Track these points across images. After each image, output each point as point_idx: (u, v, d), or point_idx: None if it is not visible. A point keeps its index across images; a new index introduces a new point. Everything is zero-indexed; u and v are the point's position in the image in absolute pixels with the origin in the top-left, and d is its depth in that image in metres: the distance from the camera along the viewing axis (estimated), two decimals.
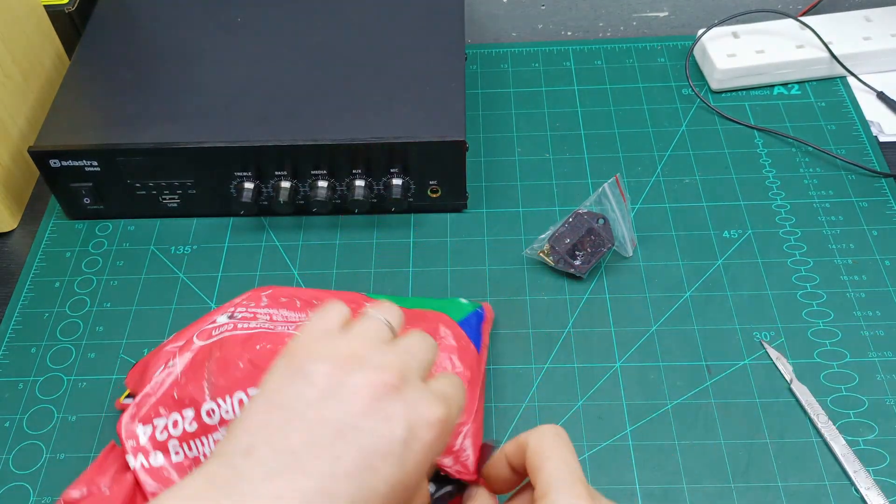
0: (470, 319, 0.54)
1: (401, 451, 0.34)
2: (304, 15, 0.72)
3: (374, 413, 0.34)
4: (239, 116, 0.64)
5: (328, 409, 0.34)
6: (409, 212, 0.67)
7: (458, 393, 0.39)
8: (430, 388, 0.37)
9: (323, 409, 0.34)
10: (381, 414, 0.34)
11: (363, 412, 0.34)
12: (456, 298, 0.58)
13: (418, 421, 0.35)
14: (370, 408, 0.34)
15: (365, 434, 0.34)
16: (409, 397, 0.35)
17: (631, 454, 0.53)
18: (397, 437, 0.34)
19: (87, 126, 0.64)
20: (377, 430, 0.34)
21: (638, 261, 0.63)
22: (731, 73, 0.73)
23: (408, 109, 0.63)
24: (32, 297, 0.63)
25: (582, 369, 0.57)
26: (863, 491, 0.50)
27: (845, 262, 0.62)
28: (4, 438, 0.56)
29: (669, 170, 0.69)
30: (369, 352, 0.36)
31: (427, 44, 0.69)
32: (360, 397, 0.34)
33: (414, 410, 0.35)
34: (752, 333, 0.58)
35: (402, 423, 0.34)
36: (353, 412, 0.34)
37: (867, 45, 0.74)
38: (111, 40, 0.71)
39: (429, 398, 0.36)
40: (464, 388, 0.40)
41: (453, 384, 0.39)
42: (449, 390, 0.38)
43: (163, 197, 0.66)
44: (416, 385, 0.36)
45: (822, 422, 0.54)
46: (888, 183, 0.67)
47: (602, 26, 0.85)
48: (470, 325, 0.54)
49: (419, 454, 0.34)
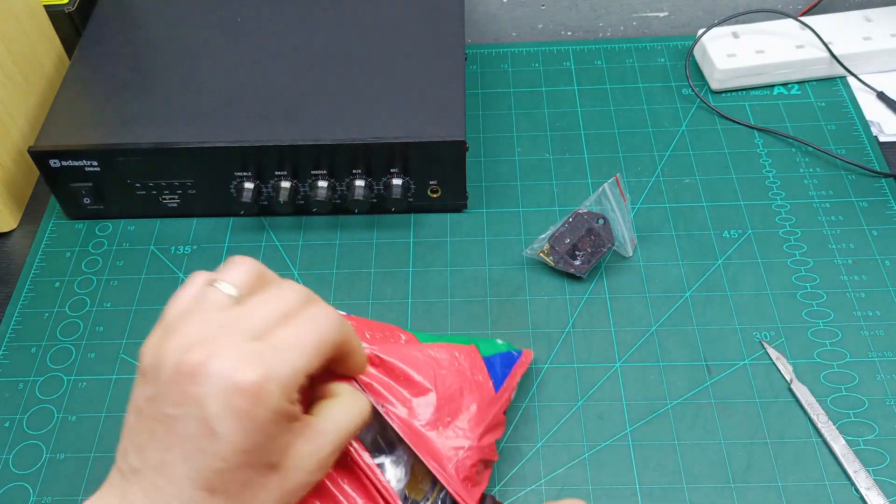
0: (497, 359, 0.52)
1: (218, 426, 0.34)
2: (304, 15, 0.72)
3: (186, 398, 0.35)
4: (239, 116, 0.64)
5: (157, 403, 0.36)
6: (409, 212, 0.67)
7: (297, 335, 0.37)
8: (253, 346, 0.36)
9: (154, 403, 0.36)
10: (190, 398, 0.35)
11: (178, 400, 0.35)
12: (493, 339, 0.55)
13: (226, 392, 0.34)
14: (182, 394, 0.35)
15: (182, 421, 0.35)
16: (218, 368, 0.35)
17: (631, 454, 0.53)
18: (210, 415, 0.34)
19: (87, 126, 0.64)
20: (191, 414, 0.35)
21: (638, 261, 0.63)
22: (731, 73, 0.73)
23: (408, 109, 0.63)
24: (32, 297, 0.63)
25: (582, 369, 0.57)
26: (863, 491, 0.50)
27: (845, 262, 0.62)
28: (4, 438, 0.56)
29: (669, 170, 0.69)
30: (189, 329, 0.37)
31: (427, 44, 0.69)
32: (174, 385, 0.35)
33: (222, 381, 0.34)
34: (752, 333, 0.58)
35: (212, 400, 0.34)
36: (171, 402, 0.35)
37: (867, 45, 0.74)
38: (111, 40, 0.71)
39: (240, 363, 0.35)
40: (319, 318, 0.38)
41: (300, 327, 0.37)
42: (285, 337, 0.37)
43: (163, 197, 0.66)
44: (229, 351, 0.35)
45: (822, 422, 0.54)
46: (888, 183, 0.67)
47: (602, 26, 0.85)
48: (494, 363, 0.52)
49: (240, 422, 0.34)
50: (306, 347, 0.37)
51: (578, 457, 0.53)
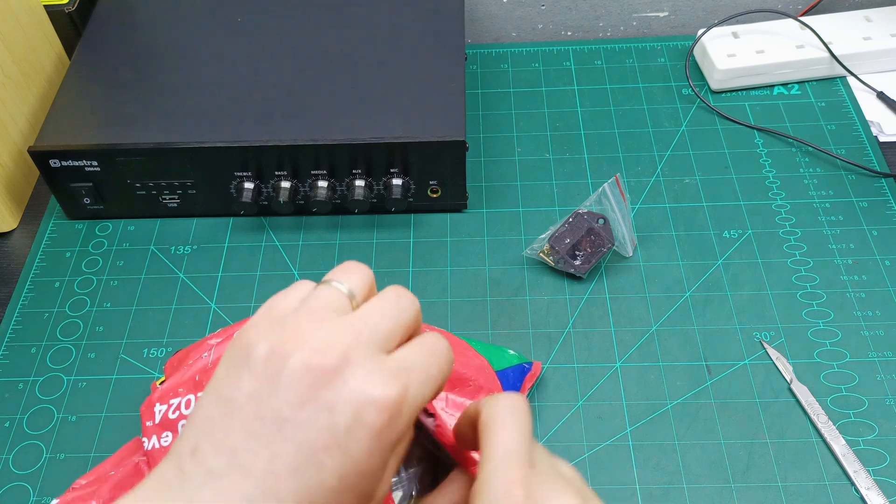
0: (510, 372, 0.52)
1: (345, 441, 0.31)
2: (304, 15, 0.72)
3: (312, 402, 0.31)
4: (239, 116, 0.64)
5: (265, 402, 0.31)
6: (409, 212, 0.67)
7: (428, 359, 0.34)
8: (388, 361, 0.33)
9: (260, 401, 0.31)
10: (319, 404, 0.31)
11: (300, 402, 0.31)
12: (504, 348, 0.55)
13: (363, 406, 0.31)
14: (308, 397, 0.31)
15: (303, 427, 0.31)
16: (354, 379, 0.31)
17: (631, 454, 0.53)
18: (339, 427, 0.31)
19: (87, 126, 0.64)
20: (316, 421, 0.31)
21: (638, 261, 0.63)
22: (731, 73, 0.73)
23: (408, 109, 0.63)
24: (32, 297, 0.63)
25: (582, 369, 0.57)
26: (863, 491, 0.50)
27: (845, 262, 0.62)
28: (4, 438, 0.56)
29: (669, 170, 0.69)
30: (313, 329, 0.33)
31: (427, 44, 0.69)
32: (297, 386, 0.31)
33: (358, 394, 0.31)
34: (752, 333, 0.58)
35: (344, 411, 0.31)
36: (289, 404, 0.31)
37: (867, 45, 0.74)
38: (111, 40, 0.71)
39: (378, 377, 0.32)
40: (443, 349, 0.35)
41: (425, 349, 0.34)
42: (416, 359, 0.34)
43: (163, 197, 0.66)
44: (365, 362, 0.32)
45: (822, 422, 0.54)
46: (888, 183, 0.67)
47: (602, 26, 0.85)
48: (507, 377, 0.52)
49: (368, 441, 0.31)
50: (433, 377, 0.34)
51: (578, 457, 0.53)
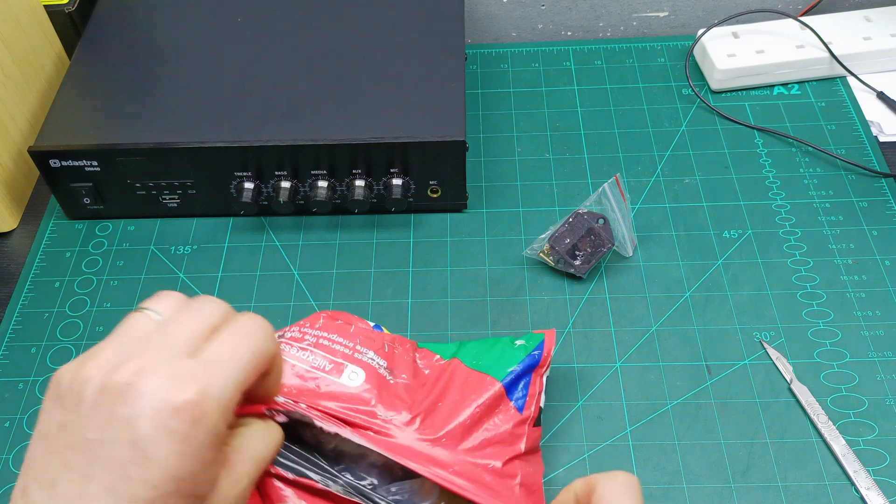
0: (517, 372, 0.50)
1: (150, 450, 0.31)
2: (304, 15, 0.72)
3: (112, 420, 0.31)
4: (239, 116, 0.64)
5: (74, 429, 0.32)
6: (409, 212, 0.67)
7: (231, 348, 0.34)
8: (185, 364, 0.33)
9: (70, 430, 0.32)
10: (118, 420, 0.31)
11: (102, 424, 0.31)
12: (508, 340, 0.52)
13: (160, 413, 0.31)
14: (108, 415, 0.31)
15: (107, 446, 0.31)
16: (149, 389, 0.31)
17: (631, 454, 0.53)
18: (141, 438, 0.31)
19: (87, 126, 0.64)
20: (119, 438, 0.31)
21: (638, 261, 0.63)
22: (731, 73, 0.73)
23: (408, 109, 0.63)
24: (32, 297, 0.63)
25: (582, 369, 0.57)
26: (863, 491, 0.50)
27: (845, 262, 0.62)
28: (4, 438, 0.56)
29: (669, 170, 0.69)
30: (109, 352, 0.33)
31: (427, 44, 0.69)
32: (98, 407, 0.32)
33: (154, 402, 0.31)
34: (752, 333, 0.58)
35: (143, 422, 0.31)
36: (93, 426, 0.31)
37: (867, 45, 0.74)
38: (111, 40, 0.71)
39: (172, 382, 0.32)
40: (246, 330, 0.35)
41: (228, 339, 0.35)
42: (219, 351, 0.34)
43: (163, 197, 0.66)
44: (160, 370, 0.32)
45: (822, 422, 0.54)
46: (888, 183, 0.67)
47: (602, 26, 0.85)
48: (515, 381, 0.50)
49: (174, 445, 0.31)
50: (241, 360, 0.34)
51: (578, 457, 0.53)
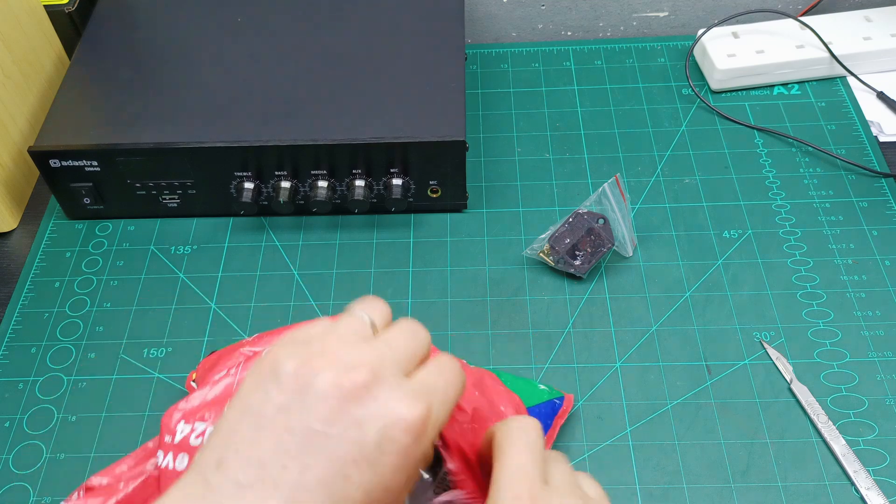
0: (541, 408, 0.51)
1: (374, 456, 0.32)
2: (304, 15, 0.72)
3: (342, 417, 0.32)
4: (239, 116, 0.64)
5: (295, 415, 0.32)
6: (409, 212, 0.67)
7: (445, 382, 0.36)
8: (411, 382, 0.34)
9: (290, 414, 0.32)
10: (349, 418, 0.32)
11: (330, 417, 0.32)
12: (534, 381, 0.54)
13: (392, 423, 0.32)
14: (338, 412, 0.32)
15: (333, 441, 0.32)
16: (383, 397, 0.33)
17: (631, 454, 0.53)
18: (369, 442, 0.32)
19: (87, 126, 0.64)
20: (346, 436, 0.32)
21: (638, 261, 0.63)
22: (731, 73, 0.73)
23: (408, 109, 0.63)
24: (32, 297, 0.63)
25: (582, 369, 0.57)
26: (863, 491, 0.50)
27: (845, 262, 0.62)
28: (4, 438, 0.56)
29: (669, 170, 0.69)
30: (340, 349, 0.34)
31: (427, 44, 0.69)
32: (327, 400, 0.32)
33: (387, 411, 0.32)
34: (752, 333, 0.58)
35: (374, 426, 0.32)
36: (320, 417, 0.32)
37: (867, 45, 0.74)
38: (111, 40, 0.71)
39: (405, 396, 0.33)
40: (457, 371, 0.37)
41: (442, 372, 0.36)
42: (435, 381, 0.35)
43: (163, 197, 0.66)
44: (392, 382, 0.33)
45: (822, 422, 0.54)
46: (888, 183, 0.67)
47: (602, 26, 0.85)
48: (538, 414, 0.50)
49: (395, 457, 0.32)
50: (451, 397, 0.36)
51: (578, 457, 0.53)
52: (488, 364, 0.57)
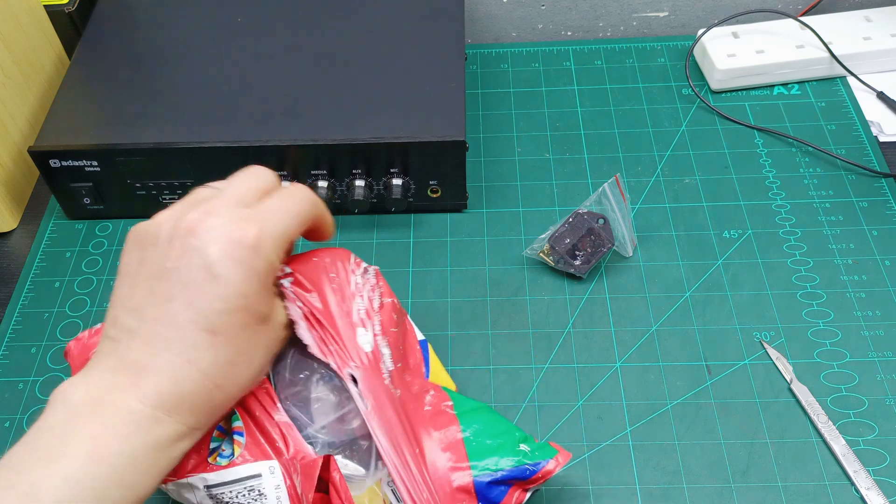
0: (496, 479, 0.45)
1: (218, 270, 0.38)
2: (304, 15, 0.72)
3: (186, 250, 0.39)
4: (239, 116, 0.64)
5: (153, 263, 0.39)
6: (409, 212, 0.67)
7: (282, 203, 0.42)
8: (245, 210, 0.40)
9: (149, 264, 0.40)
10: (191, 248, 0.39)
11: (177, 254, 0.39)
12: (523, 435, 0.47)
13: (226, 242, 0.39)
14: (181, 248, 0.39)
15: (183, 271, 0.39)
16: (216, 225, 0.39)
17: (631, 454, 0.53)
18: (210, 262, 0.38)
19: (87, 126, 0.64)
20: (191, 263, 0.38)
21: (638, 261, 0.63)
22: (731, 73, 0.73)
23: (408, 109, 0.63)
24: (32, 297, 0.63)
25: (582, 369, 0.57)
26: (863, 491, 0.50)
27: (845, 262, 0.62)
28: (4, 438, 0.56)
29: (669, 170, 0.69)
30: (183, 204, 0.41)
31: (427, 44, 0.69)
32: (172, 242, 0.39)
33: (220, 234, 0.39)
34: (752, 333, 0.58)
35: (211, 249, 0.38)
36: (169, 256, 0.39)
37: (867, 45, 0.74)
38: (111, 40, 0.71)
39: (235, 220, 0.39)
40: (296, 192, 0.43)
41: (280, 196, 0.43)
42: (272, 204, 0.42)
43: (163, 197, 0.66)
44: (224, 212, 0.40)
45: (822, 422, 0.54)
46: (888, 183, 0.67)
47: (602, 26, 0.85)
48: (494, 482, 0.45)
49: (237, 268, 0.39)
50: (290, 214, 0.42)
51: (578, 457, 0.53)
52: (488, 364, 0.57)
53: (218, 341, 0.39)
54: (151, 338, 0.38)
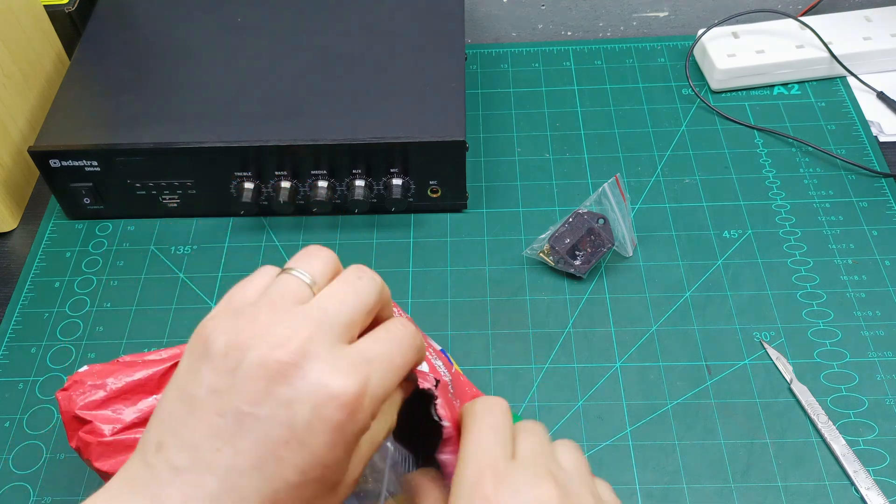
0: None
1: (305, 436, 0.31)
2: (304, 15, 0.72)
3: (271, 399, 0.31)
4: (239, 116, 0.64)
5: (225, 396, 0.31)
6: (409, 212, 0.67)
7: (390, 348, 0.34)
8: (348, 352, 0.32)
9: (221, 395, 0.31)
10: (277, 399, 0.31)
11: (259, 399, 0.31)
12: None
13: (322, 402, 0.31)
14: (266, 393, 0.31)
15: (262, 423, 0.31)
16: (313, 373, 0.31)
17: (631, 454, 0.53)
18: (299, 422, 0.31)
19: (87, 126, 0.64)
20: (276, 417, 0.31)
21: (638, 261, 0.63)
22: (731, 73, 0.73)
23: (408, 109, 0.63)
24: (32, 297, 0.63)
25: (582, 369, 0.57)
26: (863, 491, 0.50)
27: (845, 262, 0.62)
28: (4, 438, 0.56)
29: (669, 170, 0.69)
30: (271, 321, 0.32)
31: (427, 44, 0.69)
32: (255, 381, 0.31)
33: (317, 390, 0.31)
34: (752, 333, 0.58)
35: (303, 406, 0.31)
36: (249, 399, 0.31)
37: (867, 45, 0.74)
38: (111, 40, 0.71)
39: (337, 370, 0.31)
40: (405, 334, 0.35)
41: (388, 337, 0.34)
42: (378, 348, 0.34)
43: (163, 197, 0.66)
44: (324, 355, 0.32)
45: (822, 422, 0.54)
46: (888, 183, 0.67)
47: (602, 26, 0.85)
48: None
49: (329, 435, 0.31)
50: (396, 366, 0.34)
51: None
52: (488, 364, 0.57)
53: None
54: (201, 492, 0.30)
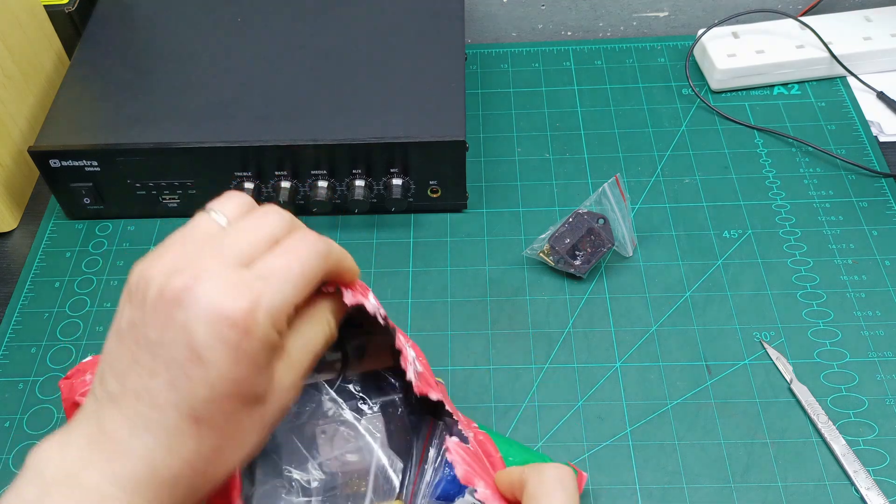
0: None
1: (206, 354, 0.33)
2: (304, 15, 0.72)
3: (172, 322, 0.33)
4: (239, 116, 0.64)
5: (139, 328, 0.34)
6: (409, 212, 0.67)
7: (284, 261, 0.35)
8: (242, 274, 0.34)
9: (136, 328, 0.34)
10: (176, 323, 0.33)
11: (163, 325, 0.33)
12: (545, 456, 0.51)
13: (213, 320, 0.33)
14: (168, 318, 0.33)
15: (168, 347, 0.33)
16: (204, 296, 0.33)
17: (631, 454, 0.53)
18: (197, 343, 0.33)
19: (87, 126, 0.64)
20: (177, 340, 0.33)
21: (638, 261, 0.63)
22: (731, 73, 0.73)
23: (408, 109, 0.63)
24: (32, 297, 0.63)
25: (582, 369, 0.57)
26: (863, 491, 0.50)
27: (845, 262, 0.62)
28: (4, 438, 0.56)
29: (669, 170, 0.69)
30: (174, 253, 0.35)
31: (427, 44, 0.69)
32: (157, 310, 0.34)
33: (208, 309, 0.33)
34: (752, 333, 0.58)
35: (198, 327, 0.33)
36: (155, 326, 0.33)
37: (867, 45, 0.74)
38: (111, 40, 0.71)
39: (226, 291, 0.33)
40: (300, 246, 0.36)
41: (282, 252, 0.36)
42: (273, 264, 0.35)
43: (163, 197, 0.66)
44: (216, 278, 0.33)
45: (822, 422, 0.54)
46: (888, 183, 0.67)
47: (602, 26, 0.85)
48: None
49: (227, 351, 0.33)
50: (293, 277, 0.35)
51: (578, 457, 0.53)
52: (488, 364, 0.57)
53: (202, 430, 0.34)
54: (131, 412, 0.34)
